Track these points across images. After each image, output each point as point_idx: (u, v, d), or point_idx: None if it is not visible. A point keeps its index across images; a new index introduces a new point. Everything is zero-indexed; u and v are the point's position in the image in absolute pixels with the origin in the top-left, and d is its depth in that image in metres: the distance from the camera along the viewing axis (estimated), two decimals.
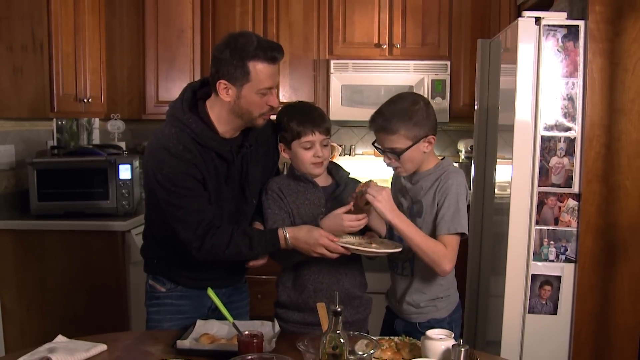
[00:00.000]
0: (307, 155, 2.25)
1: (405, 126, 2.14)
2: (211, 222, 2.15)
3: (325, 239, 2.11)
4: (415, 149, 2.16)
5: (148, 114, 4.60)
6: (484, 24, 4.45)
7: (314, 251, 2.14)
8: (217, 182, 2.21)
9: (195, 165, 2.15)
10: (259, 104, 2.16)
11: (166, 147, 2.14)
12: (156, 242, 2.37)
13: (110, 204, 3.65)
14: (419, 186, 2.23)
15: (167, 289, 2.35)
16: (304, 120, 2.25)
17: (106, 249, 3.50)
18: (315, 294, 2.26)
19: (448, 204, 2.14)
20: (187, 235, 2.14)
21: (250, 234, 2.18)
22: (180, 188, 2.13)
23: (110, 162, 3.65)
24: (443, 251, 2.11)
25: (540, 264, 2.78)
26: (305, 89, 4.61)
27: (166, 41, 4.53)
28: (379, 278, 2.58)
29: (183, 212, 2.14)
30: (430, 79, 4.43)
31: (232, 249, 2.15)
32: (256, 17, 4.57)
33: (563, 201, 2.75)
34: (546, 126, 2.73)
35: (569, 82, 2.70)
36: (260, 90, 2.13)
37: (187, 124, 2.16)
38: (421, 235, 2.12)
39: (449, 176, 2.17)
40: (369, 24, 4.54)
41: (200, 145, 2.16)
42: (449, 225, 2.13)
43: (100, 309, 3.48)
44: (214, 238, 2.14)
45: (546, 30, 2.68)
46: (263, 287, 3.34)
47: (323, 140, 2.26)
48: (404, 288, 2.27)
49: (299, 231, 2.16)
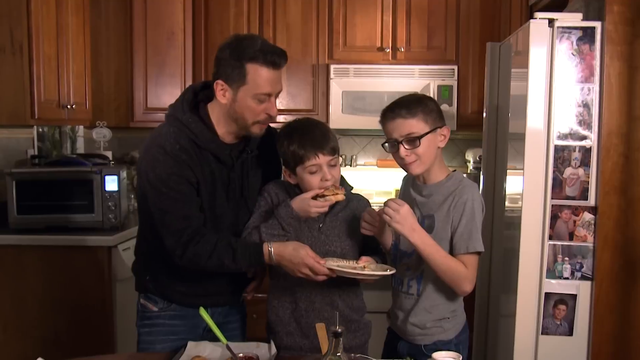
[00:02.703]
0: (314, 180, 2.22)
1: (423, 111, 2.18)
2: (197, 229, 2.17)
3: (310, 259, 2.12)
4: (432, 139, 2.18)
5: (136, 122, 4.58)
6: (493, 26, 4.44)
7: (298, 271, 2.15)
8: (213, 188, 2.23)
9: (190, 168, 2.17)
10: (254, 110, 2.17)
11: (162, 146, 2.16)
12: (149, 256, 2.37)
13: (95, 218, 3.65)
14: (431, 200, 2.24)
15: (160, 308, 2.36)
16: (304, 143, 2.20)
17: (91, 265, 3.48)
18: (307, 314, 2.26)
19: (465, 221, 2.15)
20: (170, 242, 2.17)
21: (235, 246, 2.19)
22: (172, 190, 2.15)
23: (96, 172, 3.65)
24: (464, 272, 2.14)
25: (554, 281, 2.77)
26: (303, 96, 4.61)
27: (155, 44, 4.53)
28: (379, 296, 2.57)
29: (170, 217, 2.16)
30: (437, 84, 4.43)
31: (215, 259, 2.16)
32: (251, 19, 4.57)
33: (578, 215, 2.74)
34: (560, 135, 2.73)
35: (584, 87, 2.71)
36: (257, 95, 2.14)
37: (186, 124, 2.18)
38: (442, 254, 2.14)
39: (465, 191, 2.19)
40: (371, 27, 4.54)
41: (198, 146, 2.19)
42: (468, 244, 2.15)
43: (84, 330, 3.46)
44: (197, 247, 2.15)
45: (560, 32, 2.69)
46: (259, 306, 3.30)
47: (330, 161, 2.21)
48: (408, 308, 2.27)
49: (285, 248, 2.16)
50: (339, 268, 2.12)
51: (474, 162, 4.50)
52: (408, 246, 2.22)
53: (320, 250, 2.23)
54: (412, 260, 2.24)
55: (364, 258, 2.23)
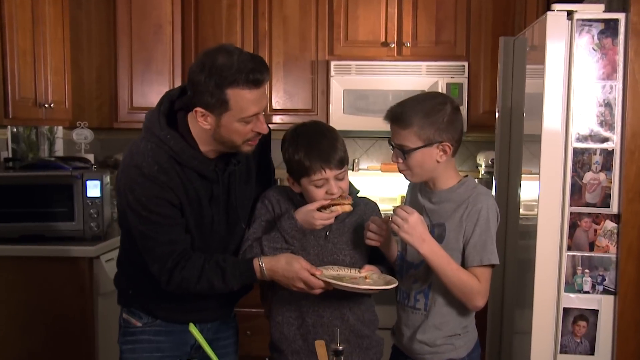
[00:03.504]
0: (319, 193, 2.21)
1: (420, 123, 2.15)
2: (182, 253, 2.17)
3: (305, 272, 2.12)
4: (426, 153, 2.16)
5: (120, 122, 4.59)
6: (507, 18, 4.45)
7: (293, 285, 2.15)
8: (199, 207, 2.22)
9: (171, 189, 2.16)
10: (242, 132, 2.14)
11: (139, 166, 2.15)
12: (132, 269, 2.37)
13: (75, 226, 3.63)
14: (442, 207, 2.23)
15: (144, 324, 2.36)
16: (310, 154, 2.18)
17: (71, 277, 3.47)
18: (314, 330, 2.24)
19: (479, 232, 2.15)
20: (155, 269, 2.18)
21: (223, 265, 2.19)
22: (153, 214, 2.14)
23: (76, 177, 3.63)
24: (477, 286, 2.15)
25: (573, 295, 2.76)
26: (301, 95, 4.61)
27: (141, 37, 4.53)
28: (383, 311, 2.56)
29: (153, 242, 2.16)
30: (445, 82, 4.43)
31: (204, 282, 2.17)
32: (245, 11, 4.58)
33: (599, 223, 2.73)
34: (579, 136, 2.72)
35: (606, 85, 2.70)
36: (243, 119, 2.11)
37: (165, 141, 2.16)
38: (454, 267, 2.14)
39: (479, 199, 2.19)
40: (374, 20, 4.55)
41: (179, 164, 2.17)
42: (482, 256, 2.15)
43: (63, 348, 3.45)
44: (183, 271, 2.16)
45: (580, 25, 2.68)
46: (253, 322, 3.32)
47: (338, 174, 2.21)
48: (416, 324, 2.26)
49: (277, 262, 2.16)
50: (335, 282, 2.12)
51: (486, 166, 4.50)
52: (415, 257, 2.22)
53: (328, 260, 2.24)
54: (420, 272, 2.24)
55: (367, 267, 2.23)
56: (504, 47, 3.45)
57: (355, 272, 2.21)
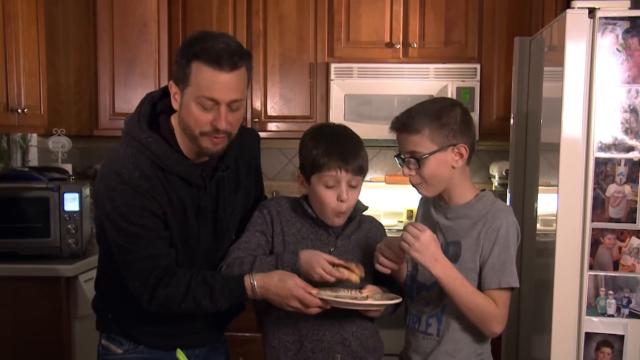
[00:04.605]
0: (327, 196, 2.24)
1: (431, 125, 2.16)
2: (166, 268, 2.17)
3: (300, 289, 2.12)
4: (441, 159, 2.17)
5: (101, 129, 4.60)
6: (523, 17, 4.46)
7: (287, 304, 2.15)
8: (184, 217, 2.22)
9: (154, 198, 2.16)
10: (197, 118, 2.12)
11: (119, 173, 2.15)
12: (111, 290, 2.37)
13: (51, 243, 3.63)
14: (458, 224, 2.24)
15: (125, 350, 2.36)
16: (331, 151, 2.23)
17: (46, 299, 3.47)
18: (313, 355, 2.25)
19: (498, 251, 2.16)
20: (136, 286, 2.18)
21: (211, 282, 2.19)
22: (133, 225, 2.14)
23: (52, 189, 3.64)
24: (494, 310, 2.15)
25: (596, 319, 2.76)
26: (298, 100, 4.61)
27: (124, 37, 4.54)
28: (389, 336, 2.56)
29: (132, 257, 2.16)
30: (456, 86, 4.44)
31: (190, 301, 2.17)
32: (238, 9, 4.58)
33: (624, 240, 2.73)
34: (601, 145, 2.72)
35: (631, 89, 2.70)
36: (199, 98, 2.10)
37: (146, 145, 2.17)
38: (469, 290, 2.15)
39: (499, 215, 2.19)
40: (378, 19, 4.56)
41: (162, 170, 2.17)
42: (500, 278, 2.15)
43: None
44: (168, 289, 2.16)
45: (603, 24, 2.69)
46: (246, 347, 3.32)
47: (351, 180, 2.24)
48: (427, 351, 2.26)
49: (270, 279, 2.16)
50: (332, 298, 2.12)
51: (500, 177, 4.49)
52: (427, 277, 2.22)
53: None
54: (432, 293, 2.24)
55: (369, 287, 2.24)
56: (519, 48, 3.46)
57: (357, 293, 2.21)
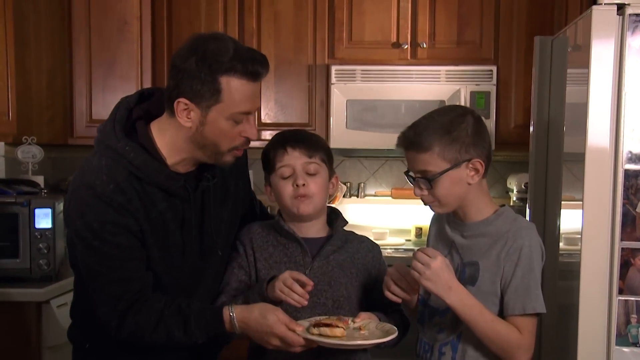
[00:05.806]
0: (286, 189, 2.30)
1: (441, 141, 2.15)
2: (138, 293, 2.16)
3: (281, 326, 2.12)
4: (455, 176, 2.17)
5: (77, 138, 4.61)
6: (544, 14, 4.47)
7: (267, 342, 2.15)
8: (164, 233, 2.22)
9: (130, 213, 2.15)
10: (229, 135, 2.16)
11: (91, 185, 2.15)
12: (89, 318, 2.33)
13: (20, 264, 3.62)
14: (475, 242, 2.23)
15: None
16: (276, 139, 2.35)
17: (13, 327, 3.46)
18: None
19: (521, 273, 2.15)
20: (103, 311, 2.18)
21: (187, 312, 2.19)
22: (105, 244, 2.14)
23: (22, 204, 3.63)
24: (517, 339, 2.14)
25: (627, 349, 2.75)
26: (296, 106, 4.62)
27: (103, 35, 4.55)
28: None
29: (102, 280, 2.16)
30: (469, 90, 4.45)
31: (161, 331, 2.17)
32: (229, 6, 4.60)
33: None
34: (631, 156, 2.73)
35: None
36: (233, 115, 2.13)
37: (123, 154, 2.16)
38: (488, 318, 2.14)
39: (521, 234, 2.19)
40: (384, 16, 4.57)
41: (140, 182, 2.17)
42: (524, 303, 2.14)
43: None
44: (138, 316, 2.16)
45: (633, 21, 2.69)
46: None
47: (306, 163, 2.29)
48: None
49: (250, 313, 2.17)
50: (319, 339, 2.09)
51: (518, 191, 4.50)
52: (440, 302, 2.20)
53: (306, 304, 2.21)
54: (446, 319, 2.23)
55: (363, 315, 2.23)
56: (540, 48, 3.46)
57: (350, 322, 2.19)
